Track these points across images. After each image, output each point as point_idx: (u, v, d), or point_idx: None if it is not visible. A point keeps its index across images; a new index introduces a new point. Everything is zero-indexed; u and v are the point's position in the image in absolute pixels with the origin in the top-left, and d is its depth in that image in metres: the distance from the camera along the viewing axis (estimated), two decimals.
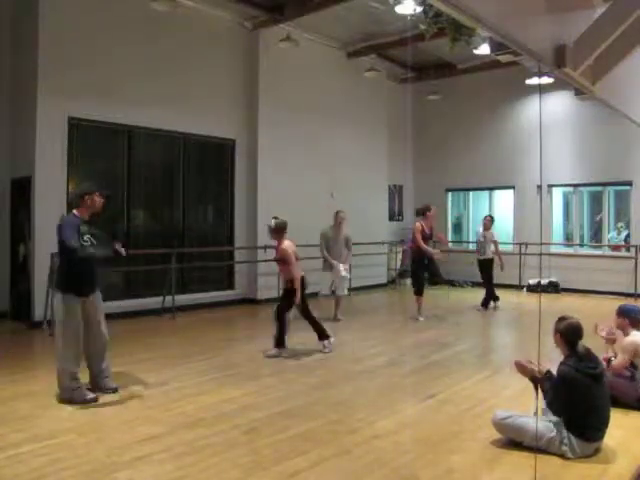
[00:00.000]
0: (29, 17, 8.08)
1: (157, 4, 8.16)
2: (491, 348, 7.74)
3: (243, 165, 10.76)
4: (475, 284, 13.07)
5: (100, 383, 4.97)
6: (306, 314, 6.62)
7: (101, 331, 4.97)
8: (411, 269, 9.50)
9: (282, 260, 6.44)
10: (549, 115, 12.41)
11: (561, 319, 3.98)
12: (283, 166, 10.98)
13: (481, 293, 10.33)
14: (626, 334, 4.78)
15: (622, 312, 4.90)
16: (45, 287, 7.56)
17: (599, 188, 12.51)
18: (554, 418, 3.78)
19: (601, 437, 3.77)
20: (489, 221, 10.27)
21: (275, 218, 6.54)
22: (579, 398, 3.70)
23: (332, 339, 6.67)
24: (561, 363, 3.87)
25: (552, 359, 3.99)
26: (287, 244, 6.45)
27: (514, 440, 3.85)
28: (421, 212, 9.16)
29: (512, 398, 4.94)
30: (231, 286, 10.47)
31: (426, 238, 8.86)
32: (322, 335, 6.63)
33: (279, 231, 6.46)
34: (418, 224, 8.86)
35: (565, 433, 3.69)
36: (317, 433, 4.12)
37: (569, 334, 3.85)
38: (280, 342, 6.43)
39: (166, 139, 9.68)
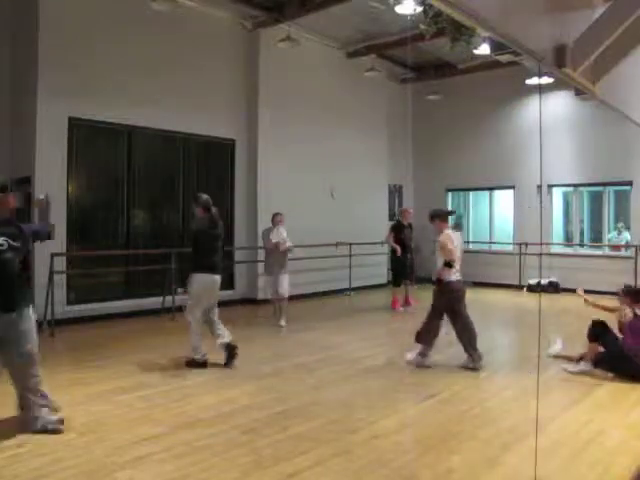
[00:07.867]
0: (29, 17, 8.08)
1: (157, 4, 8.16)
2: (491, 348, 7.73)
3: (243, 165, 10.76)
4: (476, 284, 13.08)
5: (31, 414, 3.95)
6: None
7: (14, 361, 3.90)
8: None
9: None
10: (549, 115, 12.40)
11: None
12: (283, 166, 10.97)
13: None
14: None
15: None
16: (45, 287, 7.57)
17: (599, 188, 12.50)
18: None
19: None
20: None
21: None
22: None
23: None
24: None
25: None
26: None
27: None
28: None
29: (512, 398, 4.94)
30: (231, 286, 10.47)
31: None
32: None
33: None
34: None
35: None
36: (317, 433, 4.12)
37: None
38: None
39: (166, 139, 9.68)
